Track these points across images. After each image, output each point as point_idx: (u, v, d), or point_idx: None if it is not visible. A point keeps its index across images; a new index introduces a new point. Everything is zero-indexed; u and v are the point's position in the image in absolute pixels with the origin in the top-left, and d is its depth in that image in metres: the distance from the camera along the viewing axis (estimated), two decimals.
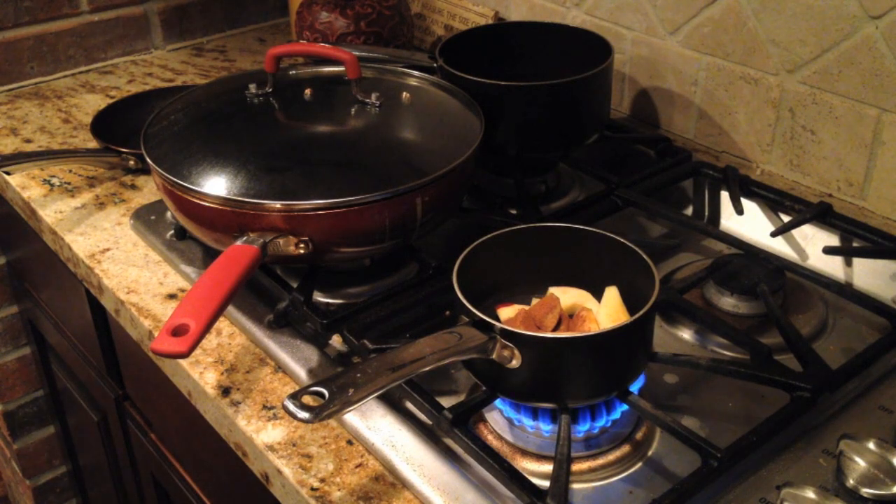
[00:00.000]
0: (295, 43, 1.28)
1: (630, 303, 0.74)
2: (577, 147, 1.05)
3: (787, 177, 1.08)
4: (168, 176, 0.83)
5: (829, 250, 0.92)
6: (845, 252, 0.93)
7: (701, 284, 0.88)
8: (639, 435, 0.72)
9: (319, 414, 0.58)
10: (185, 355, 0.66)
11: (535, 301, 0.75)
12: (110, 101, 1.34)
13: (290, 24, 1.51)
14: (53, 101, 1.36)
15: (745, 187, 1.00)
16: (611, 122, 1.14)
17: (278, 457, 0.72)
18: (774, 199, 0.99)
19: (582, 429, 0.70)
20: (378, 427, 0.73)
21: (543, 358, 0.67)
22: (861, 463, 0.64)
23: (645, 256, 0.73)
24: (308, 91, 0.97)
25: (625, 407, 0.71)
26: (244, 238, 0.77)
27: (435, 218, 0.85)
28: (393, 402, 0.75)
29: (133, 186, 1.12)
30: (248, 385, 0.80)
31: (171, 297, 0.92)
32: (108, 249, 1.00)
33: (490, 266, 0.77)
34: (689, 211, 1.05)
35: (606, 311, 0.73)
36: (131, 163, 1.13)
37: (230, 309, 0.87)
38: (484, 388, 0.72)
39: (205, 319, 0.68)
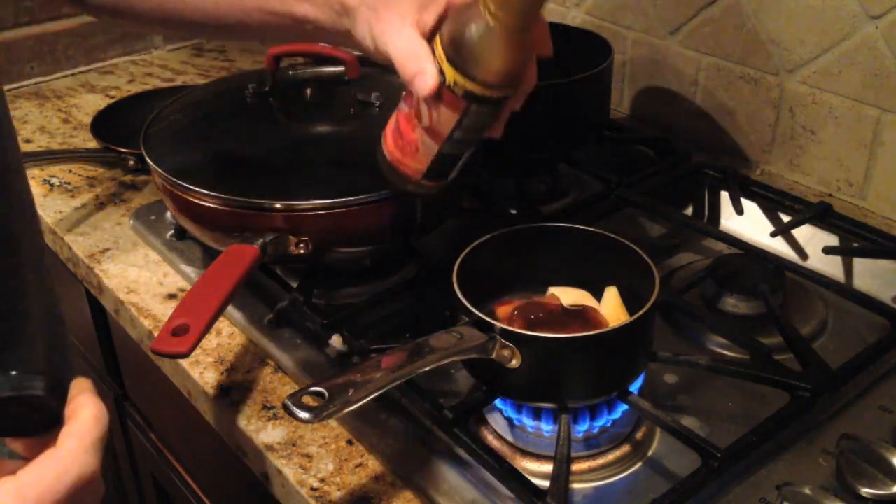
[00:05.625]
0: (295, 43, 1.27)
1: (630, 303, 0.74)
2: (578, 147, 1.05)
3: (787, 177, 1.08)
4: (168, 176, 0.83)
5: (829, 250, 0.92)
6: (845, 252, 0.93)
7: (701, 284, 0.88)
8: (639, 435, 0.72)
9: (319, 414, 0.58)
10: (185, 355, 0.66)
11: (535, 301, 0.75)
12: (110, 101, 1.33)
13: None
14: (53, 101, 1.36)
15: (745, 187, 1.00)
16: (611, 122, 1.14)
17: (278, 457, 0.72)
18: (774, 199, 0.99)
19: (582, 429, 0.69)
20: (378, 427, 0.73)
21: (543, 358, 0.67)
22: (861, 463, 0.64)
23: (645, 256, 0.73)
24: (308, 91, 0.97)
25: (625, 407, 0.71)
26: (244, 238, 0.77)
27: (435, 218, 0.85)
28: (393, 402, 0.75)
29: (133, 186, 1.12)
30: (248, 385, 0.80)
31: (171, 297, 0.92)
32: (107, 249, 1.00)
33: (490, 266, 0.76)
34: (689, 211, 1.05)
35: (606, 311, 0.73)
36: (131, 163, 1.13)
37: (230, 309, 0.87)
38: (484, 388, 0.72)
39: (205, 319, 0.68)
